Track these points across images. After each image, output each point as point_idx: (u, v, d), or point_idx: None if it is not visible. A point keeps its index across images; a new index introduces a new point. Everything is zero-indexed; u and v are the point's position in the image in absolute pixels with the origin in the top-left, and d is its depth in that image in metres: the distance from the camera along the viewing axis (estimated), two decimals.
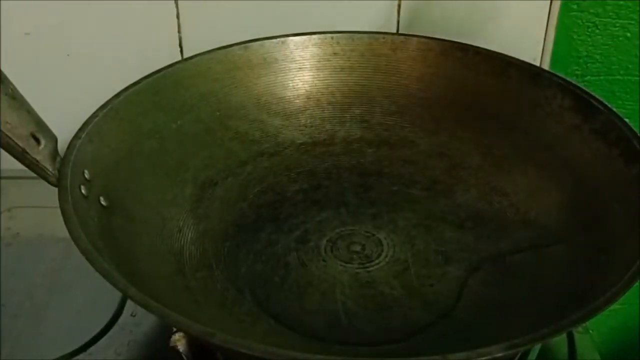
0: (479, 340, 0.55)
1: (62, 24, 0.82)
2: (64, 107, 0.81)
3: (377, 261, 0.64)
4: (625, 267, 0.50)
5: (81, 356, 0.63)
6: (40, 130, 0.54)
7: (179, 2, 0.80)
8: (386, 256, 0.65)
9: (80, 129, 0.59)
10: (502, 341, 0.43)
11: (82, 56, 0.84)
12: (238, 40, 0.73)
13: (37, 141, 0.53)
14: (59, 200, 0.52)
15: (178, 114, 0.69)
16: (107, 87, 0.63)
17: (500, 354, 0.42)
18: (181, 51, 0.83)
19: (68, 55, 0.84)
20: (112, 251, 0.53)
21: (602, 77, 0.83)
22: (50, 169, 0.54)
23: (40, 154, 0.54)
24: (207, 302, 0.58)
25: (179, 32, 0.82)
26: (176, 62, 0.69)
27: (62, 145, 0.57)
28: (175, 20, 0.82)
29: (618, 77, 0.83)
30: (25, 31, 0.82)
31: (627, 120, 0.63)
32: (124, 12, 0.81)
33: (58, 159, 0.55)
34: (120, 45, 0.83)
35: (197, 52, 0.72)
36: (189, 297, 0.58)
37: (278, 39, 0.73)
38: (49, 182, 0.55)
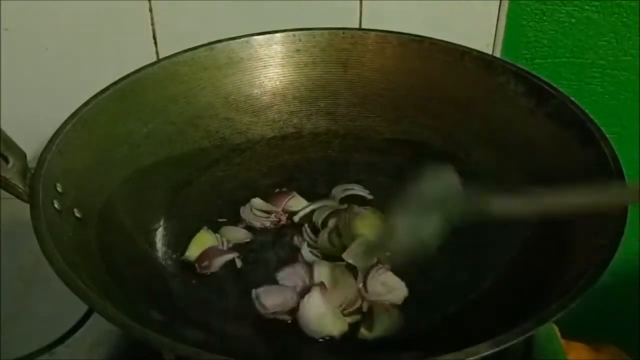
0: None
1: (39, 20, 0.75)
2: (43, 101, 0.78)
3: None
4: (593, 250, 0.46)
5: (59, 348, 0.58)
6: (8, 149, 0.47)
7: None
8: None
9: (50, 141, 0.52)
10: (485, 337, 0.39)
11: (59, 49, 0.77)
12: (210, 32, 0.67)
13: (6, 160, 0.47)
14: (32, 218, 0.46)
15: (148, 118, 0.62)
16: (85, 79, 0.59)
17: (487, 353, 0.38)
18: (155, 43, 0.77)
19: (46, 49, 0.77)
20: (88, 264, 0.47)
21: (549, 60, 0.80)
22: (21, 186, 0.48)
23: (9, 172, 0.47)
24: (189, 306, 0.53)
25: (152, 24, 0.76)
26: (143, 67, 0.63)
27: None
28: (149, 13, 0.75)
29: (564, 59, 0.80)
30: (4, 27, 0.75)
31: (573, 98, 0.59)
32: (99, 6, 0.74)
33: (29, 174, 0.49)
34: (95, 38, 0.76)
35: (171, 44, 0.67)
36: (170, 304, 0.52)
37: (242, 39, 0.67)
38: (21, 200, 0.48)
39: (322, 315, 0.51)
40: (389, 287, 0.54)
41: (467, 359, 0.38)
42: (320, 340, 0.51)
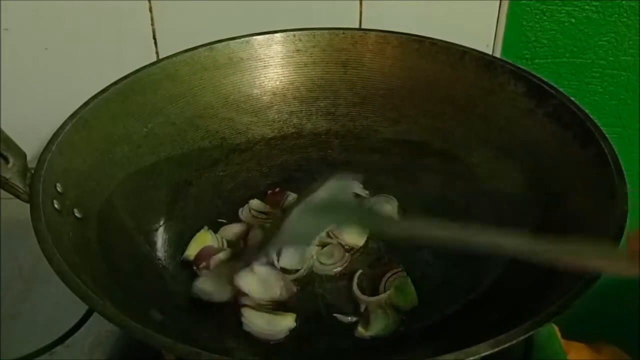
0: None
1: (39, 20, 0.75)
2: (43, 101, 0.79)
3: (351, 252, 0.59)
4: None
5: (59, 348, 0.58)
6: (8, 148, 0.47)
7: None
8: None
9: (50, 141, 0.52)
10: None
11: (59, 49, 0.77)
12: (210, 32, 0.67)
13: (6, 160, 0.47)
14: (32, 218, 0.46)
15: (148, 118, 0.62)
16: (85, 79, 0.59)
17: (487, 353, 0.38)
18: (155, 43, 0.77)
19: (46, 49, 0.77)
20: (88, 265, 0.47)
21: (549, 60, 0.80)
22: (21, 186, 0.48)
23: (9, 172, 0.47)
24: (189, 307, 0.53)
25: (152, 24, 0.76)
26: (143, 67, 0.62)
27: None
28: (149, 13, 0.75)
29: (564, 59, 0.80)
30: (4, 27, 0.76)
31: (573, 98, 0.59)
32: (99, 6, 0.75)
33: (28, 174, 0.49)
34: (95, 38, 0.77)
35: (171, 44, 0.67)
36: (170, 304, 0.52)
37: (242, 39, 0.67)
38: (21, 200, 0.48)
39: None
40: (402, 293, 0.55)
41: (467, 359, 0.37)
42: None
